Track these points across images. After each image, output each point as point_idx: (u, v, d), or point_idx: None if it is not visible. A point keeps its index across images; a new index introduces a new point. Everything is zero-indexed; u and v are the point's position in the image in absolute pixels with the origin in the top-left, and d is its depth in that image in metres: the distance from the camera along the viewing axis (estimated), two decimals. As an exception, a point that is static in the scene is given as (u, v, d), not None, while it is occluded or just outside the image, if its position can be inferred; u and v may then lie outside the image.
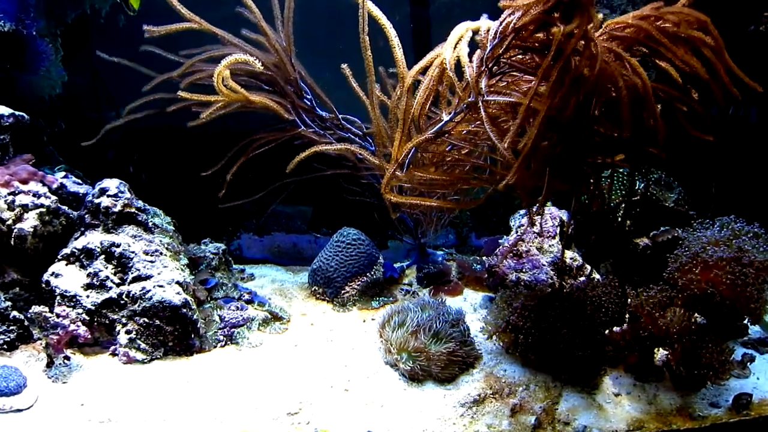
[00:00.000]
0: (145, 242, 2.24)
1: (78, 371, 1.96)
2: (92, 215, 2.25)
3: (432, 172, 1.91)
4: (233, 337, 2.25)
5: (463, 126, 1.83)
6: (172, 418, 1.73)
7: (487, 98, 1.63)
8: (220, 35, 2.59)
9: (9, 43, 2.53)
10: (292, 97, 2.73)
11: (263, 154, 2.74)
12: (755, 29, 2.51)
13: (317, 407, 1.83)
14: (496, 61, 1.63)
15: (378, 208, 2.95)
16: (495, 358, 2.12)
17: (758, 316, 1.92)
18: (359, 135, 2.85)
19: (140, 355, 2.06)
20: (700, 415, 1.82)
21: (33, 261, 2.19)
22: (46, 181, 2.29)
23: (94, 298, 2.09)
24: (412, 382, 1.98)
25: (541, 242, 2.54)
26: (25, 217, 2.16)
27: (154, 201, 2.51)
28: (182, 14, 2.45)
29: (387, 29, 2.17)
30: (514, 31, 1.57)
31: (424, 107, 1.84)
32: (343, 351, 2.20)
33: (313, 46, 2.82)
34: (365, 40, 2.30)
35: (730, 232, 2.04)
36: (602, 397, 1.92)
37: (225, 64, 2.22)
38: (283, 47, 2.66)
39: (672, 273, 2.02)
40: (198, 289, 2.37)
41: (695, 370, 1.85)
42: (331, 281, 2.69)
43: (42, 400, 1.79)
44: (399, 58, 2.23)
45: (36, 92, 2.75)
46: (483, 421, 1.81)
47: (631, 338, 2.00)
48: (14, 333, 2.06)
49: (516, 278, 2.44)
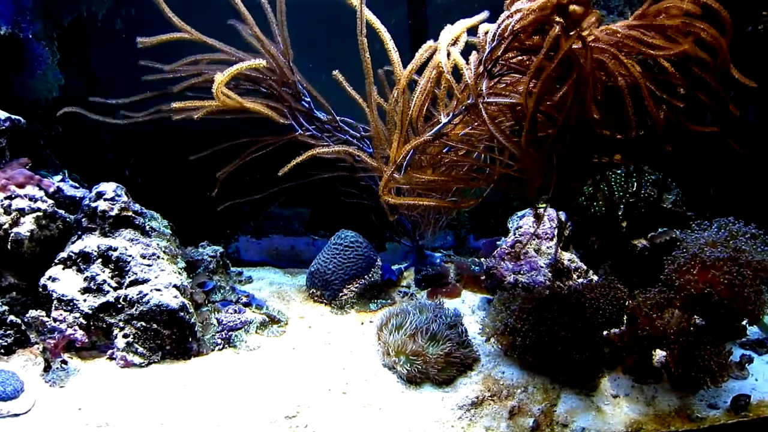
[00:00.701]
0: (142, 246, 2.23)
1: (75, 375, 1.95)
2: (89, 219, 2.25)
3: (430, 174, 1.91)
4: (231, 340, 2.25)
5: (461, 128, 1.83)
6: (169, 422, 1.73)
7: (487, 100, 1.63)
8: (213, 45, 2.58)
9: (5, 45, 2.53)
10: (290, 100, 2.72)
11: (261, 157, 2.74)
12: (753, 29, 2.51)
13: (315, 410, 1.82)
14: (494, 63, 1.64)
15: (376, 210, 2.95)
16: (493, 360, 2.11)
17: (756, 317, 1.92)
18: (357, 137, 2.85)
19: (138, 359, 2.05)
20: (698, 417, 1.82)
21: (30, 265, 2.18)
22: (43, 185, 2.28)
23: (91, 302, 2.09)
24: (410, 385, 1.98)
25: (539, 244, 2.54)
26: (21, 221, 2.16)
27: (151, 204, 2.50)
28: (175, 24, 2.44)
29: (381, 33, 2.17)
30: (513, 34, 1.57)
31: (421, 109, 1.84)
32: (341, 354, 2.20)
33: (310, 48, 2.81)
34: (363, 41, 2.30)
35: (728, 233, 2.04)
36: (600, 398, 1.92)
37: (222, 80, 2.20)
38: (281, 50, 2.65)
39: (670, 274, 2.02)
40: (195, 292, 2.36)
41: (693, 371, 1.85)
42: (329, 284, 2.68)
43: (39, 404, 1.78)
44: (395, 61, 2.23)
45: (32, 95, 2.74)
46: (481, 423, 1.80)
47: (629, 340, 2.00)
48: (11, 337, 2.05)
49: (514, 280, 2.44)
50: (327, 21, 3.09)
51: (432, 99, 1.88)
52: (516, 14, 1.55)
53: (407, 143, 1.80)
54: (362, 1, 2.22)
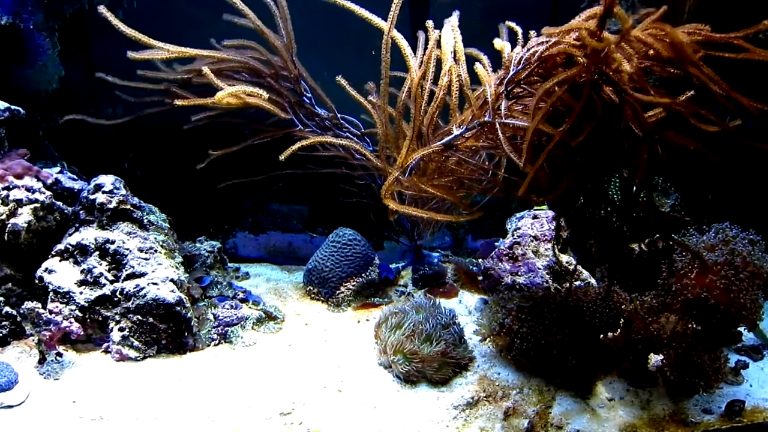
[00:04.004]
0: (139, 239, 2.23)
1: (70, 368, 1.95)
2: (87, 211, 2.24)
3: (434, 180, 1.92)
4: (227, 335, 2.24)
5: (472, 141, 1.84)
6: (164, 416, 1.73)
7: (504, 121, 1.64)
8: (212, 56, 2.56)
9: (6, 36, 2.52)
10: (290, 96, 2.72)
11: (260, 152, 2.73)
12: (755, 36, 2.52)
13: (310, 407, 1.82)
14: (516, 85, 1.65)
15: (374, 208, 2.94)
16: (489, 361, 2.12)
17: (753, 323, 1.93)
18: (357, 135, 2.85)
19: (133, 352, 2.05)
20: (692, 421, 1.83)
21: (26, 256, 2.18)
22: (41, 176, 2.27)
23: (88, 295, 2.08)
24: (406, 384, 1.98)
25: (537, 246, 2.54)
26: (19, 212, 2.15)
27: (150, 198, 2.50)
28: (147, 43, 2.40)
29: (398, 39, 2.15)
30: (540, 60, 1.58)
31: (432, 118, 1.86)
32: (337, 351, 2.19)
33: (312, 46, 2.81)
34: (388, 41, 2.24)
35: (725, 238, 2.04)
36: (595, 401, 1.92)
37: (223, 95, 2.19)
38: (285, 44, 2.64)
39: (667, 278, 2.03)
40: (192, 287, 2.36)
41: (688, 376, 1.85)
42: (326, 281, 2.68)
43: (33, 396, 1.78)
44: (412, 67, 2.19)
45: (32, 86, 2.73)
46: (476, 423, 1.81)
47: (624, 343, 2.00)
48: (6, 329, 2.05)
49: (511, 281, 2.44)
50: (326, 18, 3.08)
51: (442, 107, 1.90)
52: (544, 44, 1.56)
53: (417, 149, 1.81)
54: (392, 23, 2.17)
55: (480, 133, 1.78)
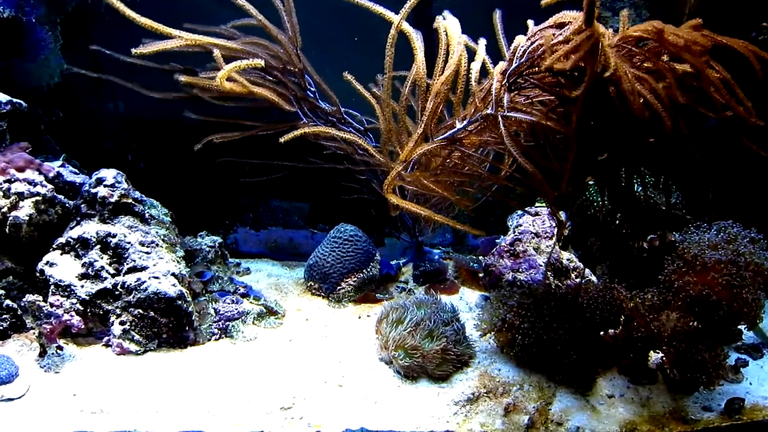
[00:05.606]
0: (141, 233, 2.23)
1: (71, 361, 1.95)
2: (88, 205, 2.24)
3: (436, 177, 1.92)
4: (228, 330, 2.24)
5: (475, 137, 1.83)
6: (164, 410, 1.73)
7: (506, 114, 1.63)
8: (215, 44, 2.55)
9: (8, 29, 2.51)
10: (295, 89, 2.71)
11: (263, 145, 2.72)
12: (756, 37, 2.52)
13: (311, 402, 1.82)
14: (519, 76, 1.64)
15: (376, 205, 2.94)
16: (489, 357, 2.12)
17: (753, 321, 1.92)
18: (360, 130, 2.85)
19: (134, 346, 2.05)
20: (692, 419, 1.83)
21: (28, 250, 2.18)
22: (43, 169, 2.27)
23: (89, 288, 2.08)
24: (407, 379, 1.98)
25: (538, 242, 2.54)
26: (20, 205, 2.15)
27: (152, 192, 2.49)
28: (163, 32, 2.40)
29: (409, 34, 2.14)
30: (542, 53, 1.58)
31: (435, 112, 1.85)
32: (337, 347, 2.20)
33: (315, 40, 2.80)
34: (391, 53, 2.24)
35: (727, 236, 2.04)
36: (596, 398, 1.92)
37: (224, 74, 2.18)
38: (290, 37, 2.63)
39: (668, 276, 2.02)
40: (193, 281, 2.36)
41: (689, 373, 1.85)
42: (327, 277, 2.68)
43: (34, 389, 1.78)
44: (419, 62, 2.18)
45: (34, 80, 2.73)
46: (476, 419, 1.81)
47: (625, 340, 2.00)
48: (7, 322, 2.05)
49: (512, 278, 2.44)
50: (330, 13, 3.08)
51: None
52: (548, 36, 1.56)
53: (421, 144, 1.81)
54: (401, 19, 2.16)
55: (484, 127, 1.78)
